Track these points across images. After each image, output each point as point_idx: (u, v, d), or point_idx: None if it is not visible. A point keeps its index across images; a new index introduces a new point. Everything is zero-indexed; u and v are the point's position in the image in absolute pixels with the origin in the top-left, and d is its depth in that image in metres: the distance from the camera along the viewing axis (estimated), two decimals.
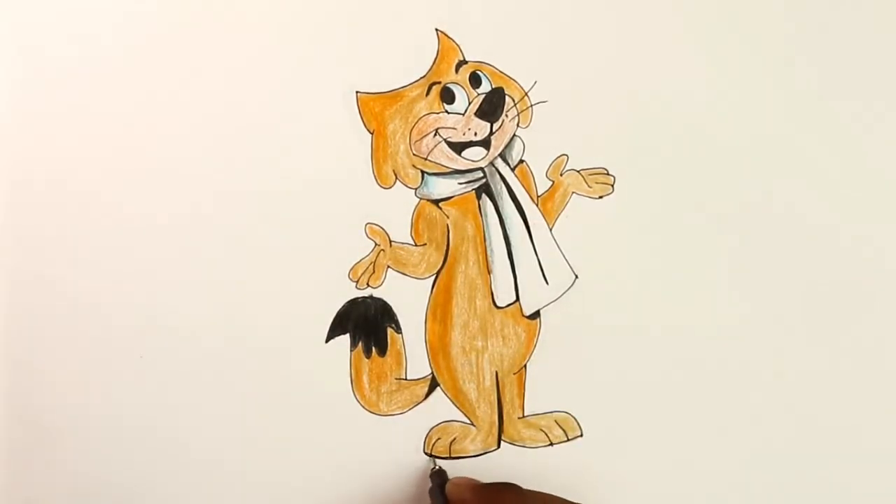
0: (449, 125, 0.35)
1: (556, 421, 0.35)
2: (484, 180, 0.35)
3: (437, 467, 0.35)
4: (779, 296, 0.36)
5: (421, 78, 0.35)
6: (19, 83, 0.34)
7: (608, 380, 0.35)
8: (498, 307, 0.35)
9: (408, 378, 0.35)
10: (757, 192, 0.36)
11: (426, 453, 0.35)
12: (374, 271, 0.35)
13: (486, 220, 0.35)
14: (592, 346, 0.35)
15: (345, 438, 0.35)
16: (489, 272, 0.35)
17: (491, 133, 0.35)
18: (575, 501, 0.31)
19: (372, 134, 0.35)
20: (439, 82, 0.35)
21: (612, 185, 0.36)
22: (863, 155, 0.37)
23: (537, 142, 0.36)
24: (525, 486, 0.35)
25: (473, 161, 0.35)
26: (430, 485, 0.34)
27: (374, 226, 0.35)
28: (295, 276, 0.35)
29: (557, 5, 0.36)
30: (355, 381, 0.35)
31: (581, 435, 0.35)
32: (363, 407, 0.35)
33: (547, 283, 0.35)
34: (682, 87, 0.36)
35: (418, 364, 0.35)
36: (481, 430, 0.35)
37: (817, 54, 0.37)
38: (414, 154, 0.35)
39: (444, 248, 0.35)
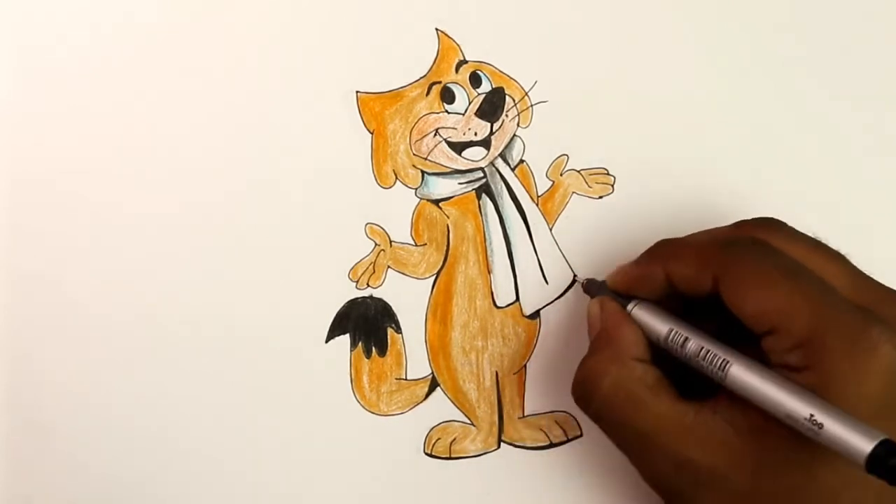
0: (449, 125, 0.35)
1: (556, 421, 0.35)
2: (484, 180, 0.35)
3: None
4: None
5: (421, 78, 0.35)
6: (19, 83, 0.34)
7: None
8: (498, 307, 0.35)
9: (408, 378, 0.35)
10: (757, 192, 0.36)
11: None
12: (374, 271, 0.35)
13: (486, 220, 0.35)
14: None
15: (345, 438, 0.35)
16: (489, 272, 0.35)
17: (491, 133, 0.35)
18: None
19: (372, 134, 0.35)
20: (439, 82, 0.35)
21: (612, 185, 0.36)
22: (865, 157, 0.37)
23: (537, 142, 0.36)
24: (525, 486, 0.35)
25: (473, 161, 0.35)
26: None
27: (374, 226, 0.35)
28: (295, 276, 0.35)
29: (557, 5, 0.36)
30: (355, 381, 0.35)
31: (581, 435, 0.35)
32: (363, 407, 0.35)
33: (547, 283, 0.35)
34: (683, 86, 0.36)
35: (418, 364, 0.35)
36: (481, 430, 0.35)
37: (819, 54, 0.37)
38: (414, 154, 0.35)
39: (445, 248, 0.35)
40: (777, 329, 0.26)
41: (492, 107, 0.35)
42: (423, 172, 0.35)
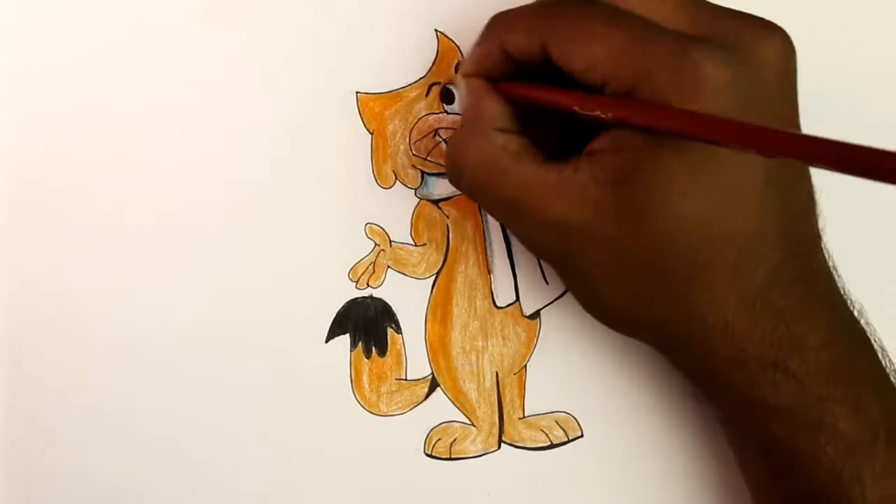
0: (448, 125, 0.35)
1: (556, 421, 0.35)
2: None
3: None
4: None
5: (420, 78, 0.35)
6: (19, 83, 0.34)
7: (608, 380, 0.35)
8: (498, 307, 0.35)
9: (408, 378, 0.35)
10: None
11: None
12: (374, 271, 0.35)
13: (486, 220, 0.35)
14: (592, 346, 0.35)
15: (345, 438, 0.35)
16: (489, 272, 0.35)
17: None
18: None
19: (372, 134, 0.35)
20: (439, 83, 0.35)
21: None
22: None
23: None
24: (525, 486, 0.35)
25: None
26: None
27: (374, 226, 0.35)
28: (295, 276, 0.35)
29: None
30: (355, 382, 0.35)
31: (581, 435, 0.35)
32: (363, 407, 0.35)
33: (547, 283, 0.35)
34: None
35: (418, 364, 0.35)
36: (482, 430, 0.35)
37: (818, 54, 0.37)
38: (414, 154, 0.35)
39: (444, 248, 0.35)
40: (607, 78, 0.26)
41: None
42: (422, 173, 0.35)
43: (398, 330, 0.35)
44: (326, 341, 0.35)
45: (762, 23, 0.28)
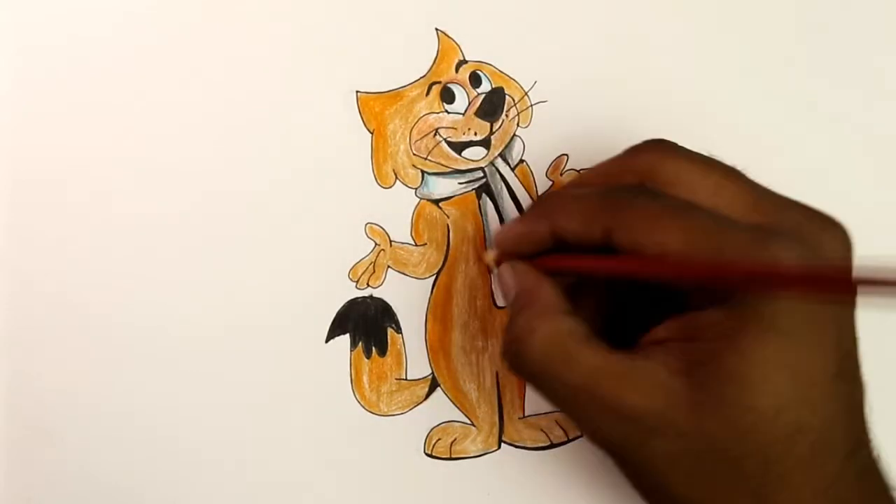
0: (449, 125, 0.35)
1: (556, 421, 0.35)
2: (484, 180, 0.35)
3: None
4: None
5: (421, 78, 0.35)
6: (19, 83, 0.34)
7: None
8: (498, 307, 0.35)
9: (408, 378, 0.35)
10: None
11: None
12: (374, 271, 0.35)
13: (487, 220, 0.35)
14: None
15: (345, 438, 0.35)
16: (489, 272, 0.35)
17: (491, 133, 0.35)
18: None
19: (372, 134, 0.35)
20: (439, 82, 0.35)
21: None
22: (866, 155, 0.37)
23: (537, 142, 0.36)
24: (525, 486, 0.35)
25: (473, 161, 0.35)
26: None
27: (374, 226, 0.35)
28: (294, 276, 0.35)
29: (557, 5, 0.36)
30: (355, 382, 0.35)
31: (582, 435, 0.35)
32: (363, 407, 0.35)
33: None
34: (683, 87, 0.36)
35: (418, 364, 0.35)
36: (482, 430, 0.35)
37: (818, 54, 0.37)
38: (414, 154, 0.35)
39: (445, 247, 0.35)
40: None
41: (492, 107, 0.35)
42: (423, 172, 0.35)
43: (398, 330, 0.35)
44: (326, 341, 0.35)
45: (822, 215, 0.28)
